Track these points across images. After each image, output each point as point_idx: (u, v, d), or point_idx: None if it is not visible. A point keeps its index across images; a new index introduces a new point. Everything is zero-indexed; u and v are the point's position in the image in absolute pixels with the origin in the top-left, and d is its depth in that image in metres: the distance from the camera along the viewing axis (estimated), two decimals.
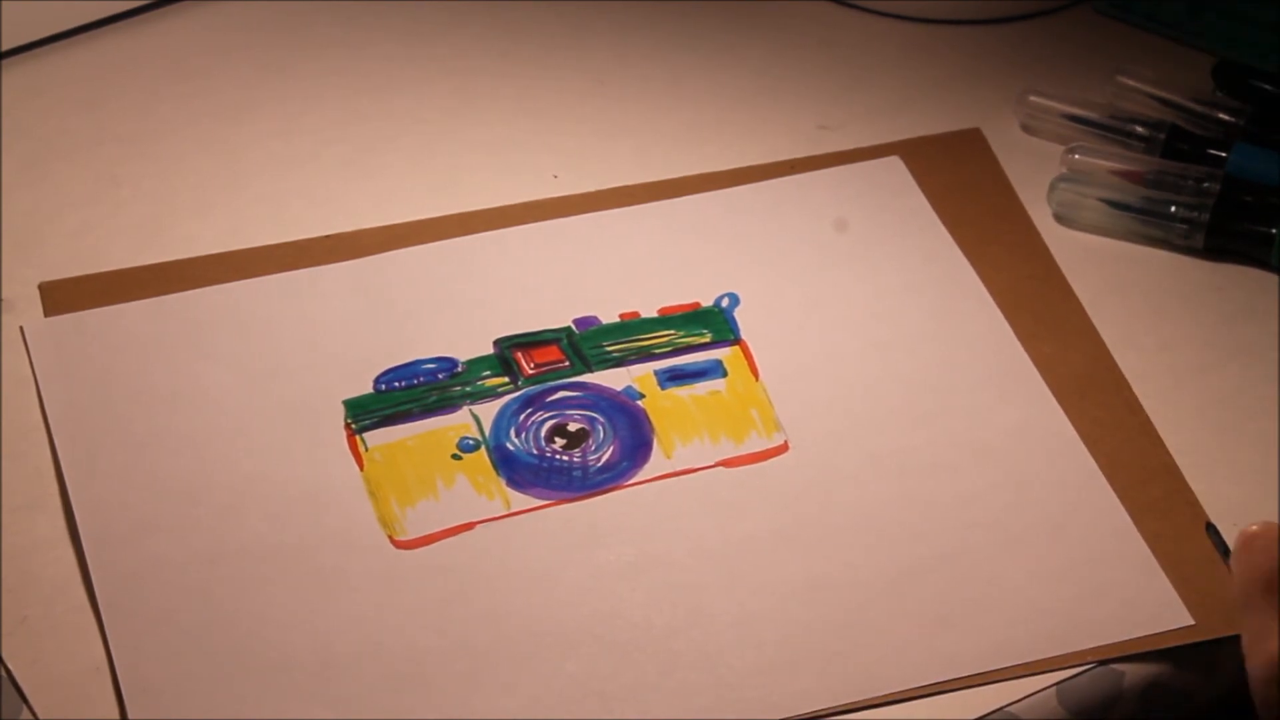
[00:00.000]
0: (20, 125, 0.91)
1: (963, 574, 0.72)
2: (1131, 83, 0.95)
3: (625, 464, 0.76)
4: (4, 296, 0.82)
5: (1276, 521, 0.66)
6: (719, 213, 0.87)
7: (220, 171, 0.89)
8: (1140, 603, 0.72)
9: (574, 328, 0.81)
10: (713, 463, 0.77)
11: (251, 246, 0.84)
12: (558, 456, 0.76)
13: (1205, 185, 0.87)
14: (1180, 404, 0.80)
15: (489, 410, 0.78)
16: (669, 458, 0.77)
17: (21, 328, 0.80)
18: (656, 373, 0.80)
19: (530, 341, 0.81)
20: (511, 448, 0.77)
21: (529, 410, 0.78)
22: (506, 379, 0.79)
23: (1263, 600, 0.67)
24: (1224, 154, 0.89)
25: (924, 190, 0.88)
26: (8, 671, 0.68)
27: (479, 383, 0.79)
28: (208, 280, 0.82)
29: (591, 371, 0.80)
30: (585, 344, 0.81)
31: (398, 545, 0.73)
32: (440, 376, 0.79)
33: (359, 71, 0.96)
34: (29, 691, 0.68)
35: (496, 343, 0.80)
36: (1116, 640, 0.71)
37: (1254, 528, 0.67)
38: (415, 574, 0.72)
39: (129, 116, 0.92)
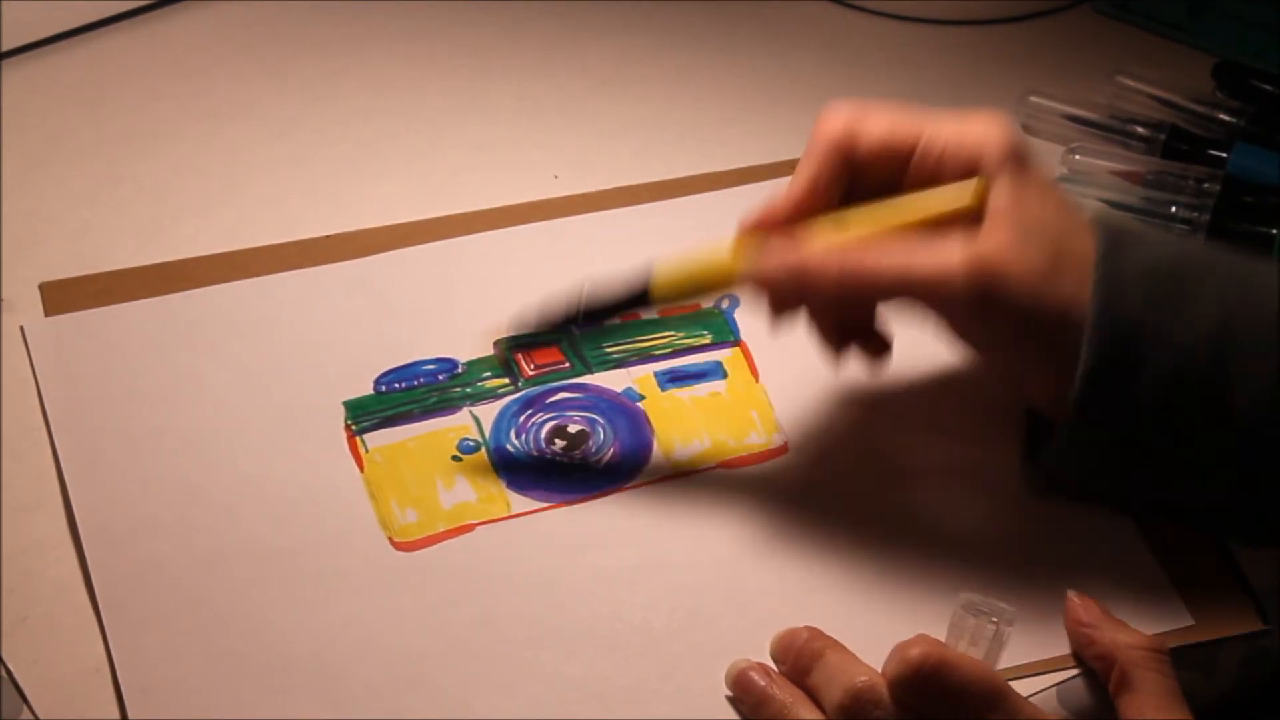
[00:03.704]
0: (20, 125, 0.91)
1: (962, 575, 0.72)
2: (1131, 83, 0.95)
3: (625, 466, 0.76)
4: (4, 296, 0.82)
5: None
6: (720, 213, 0.86)
7: (220, 171, 0.89)
8: (1140, 603, 0.72)
9: (574, 329, 0.81)
10: (713, 464, 0.77)
11: (252, 246, 0.84)
12: (558, 458, 0.76)
13: (1205, 186, 0.87)
14: None
15: (489, 412, 0.78)
16: (669, 459, 0.77)
17: (21, 328, 0.80)
18: (657, 374, 0.80)
19: (530, 342, 0.81)
20: (512, 449, 0.77)
21: (529, 412, 0.78)
22: (507, 380, 0.79)
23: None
24: (1224, 154, 0.89)
25: None
26: (8, 671, 0.68)
27: (479, 384, 0.79)
28: (208, 280, 0.82)
29: (592, 373, 0.80)
30: (585, 345, 0.81)
31: (397, 547, 0.73)
32: (440, 378, 0.79)
33: (359, 71, 0.96)
34: (29, 691, 0.68)
35: (497, 344, 0.80)
36: None
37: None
38: (415, 576, 0.72)
39: (129, 116, 0.92)
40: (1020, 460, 0.76)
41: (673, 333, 0.81)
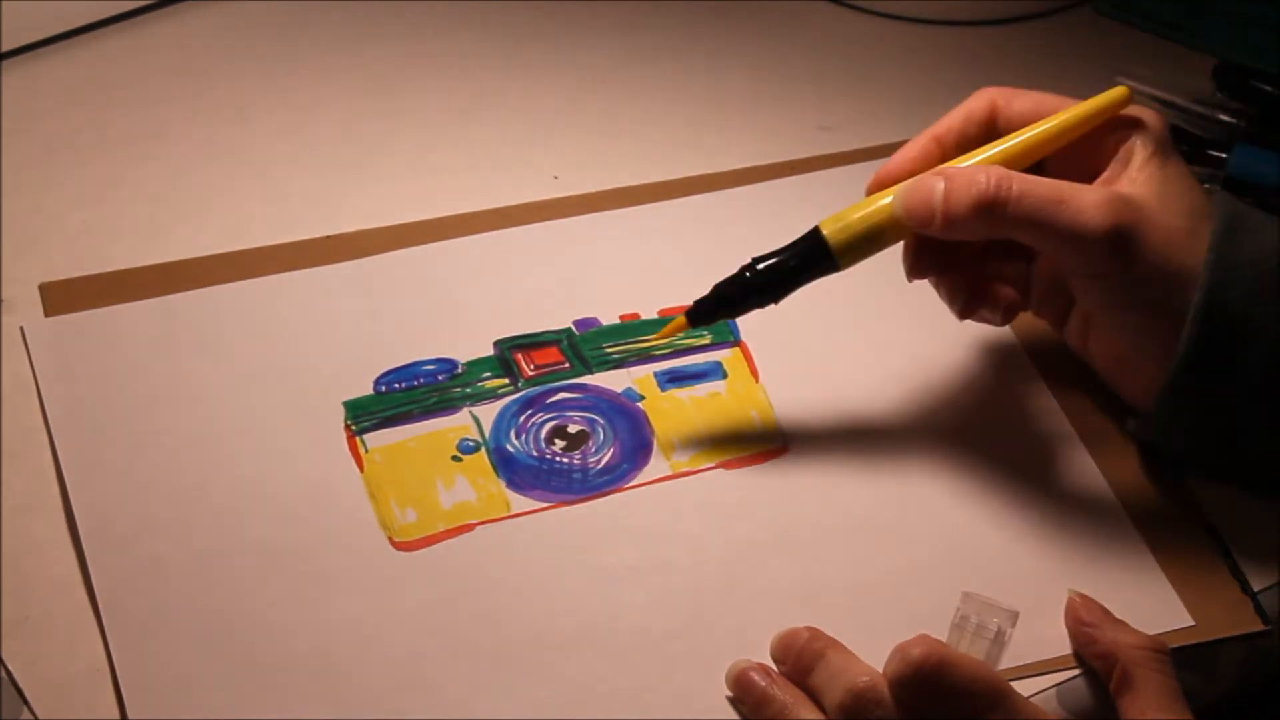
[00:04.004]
0: (20, 125, 0.91)
1: (962, 575, 0.72)
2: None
3: (625, 466, 0.76)
4: (4, 296, 0.82)
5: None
6: (719, 213, 0.87)
7: (220, 171, 0.89)
8: (1140, 603, 0.72)
9: (574, 329, 0.81)
10: (713, 464, 0.77)
11: (251, 247, 0.84)
12: (558, 458, 0.76)
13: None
14: None
15: (489, 412, 0.78)
16: (669, 460, 0.77)
17: (21, 328, 0.79)
18: (656, 374, 0.80)
19: (530, 343, 0.81)
20: (511, 449, 0.77)
21: (529, 412, 0.78)
22: (506, 380, 0.79)
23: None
24: (1225, 155, 0.89)
25: None
26: (8, 671, 0.68)
27: (479, 384, 0.79)
28: (208, 280, 0.82)
29: (591, 373, 0.80)
30: (585, 345, 0.81)
31: (397, 547, 0.73)
32: (440, 378, 0.79)
33: (360, 71, 0.96)
34: (29, 691, 0.68)
35: (496, 344, 0.80)
36: None
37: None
38: (415, 576, 0.72)
39: (129, 116, 0.92)
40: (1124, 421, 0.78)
41: None
